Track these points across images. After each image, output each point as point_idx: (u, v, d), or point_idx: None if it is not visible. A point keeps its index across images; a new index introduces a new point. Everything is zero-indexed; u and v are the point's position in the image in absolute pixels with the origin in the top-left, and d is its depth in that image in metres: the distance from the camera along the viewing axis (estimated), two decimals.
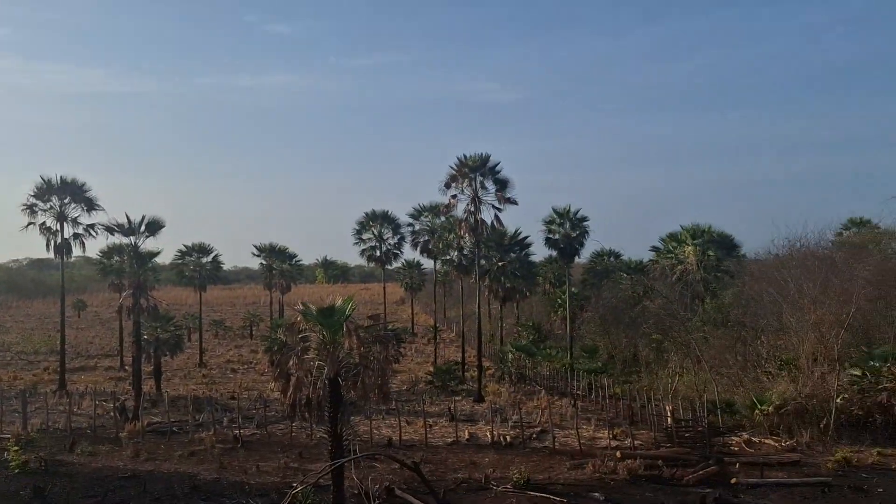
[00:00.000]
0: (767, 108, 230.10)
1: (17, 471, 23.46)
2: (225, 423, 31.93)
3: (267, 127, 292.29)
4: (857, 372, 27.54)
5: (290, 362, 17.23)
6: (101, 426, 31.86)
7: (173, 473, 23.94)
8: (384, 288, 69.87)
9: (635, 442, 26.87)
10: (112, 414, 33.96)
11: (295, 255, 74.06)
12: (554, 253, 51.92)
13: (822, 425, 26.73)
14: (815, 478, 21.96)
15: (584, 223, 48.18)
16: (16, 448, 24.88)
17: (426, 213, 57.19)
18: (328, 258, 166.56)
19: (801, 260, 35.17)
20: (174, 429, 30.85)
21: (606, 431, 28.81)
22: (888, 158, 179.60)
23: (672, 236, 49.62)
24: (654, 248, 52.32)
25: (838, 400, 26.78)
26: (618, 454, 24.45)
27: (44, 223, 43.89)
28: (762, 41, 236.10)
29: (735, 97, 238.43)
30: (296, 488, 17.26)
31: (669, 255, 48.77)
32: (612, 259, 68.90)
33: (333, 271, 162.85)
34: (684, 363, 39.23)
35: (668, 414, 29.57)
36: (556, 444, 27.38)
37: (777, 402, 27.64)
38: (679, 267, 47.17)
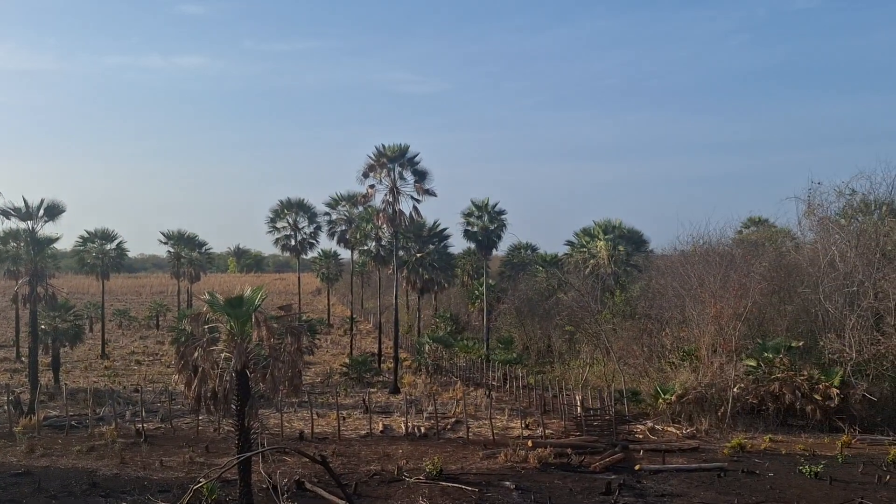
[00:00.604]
0: (675, 109, 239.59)
1: None
2: (127, 417, 30.66)
3: (178, 110, 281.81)
4: (753, 362, 29.12)
5: (196, 354, 16.62)
6: None
7: (71, 469, 22.82)
8: (299, 278, 68.62)
9: (546, 431, 27.51)
10: (5, 408, 31.95)
11: (205, 244, 71.71)
12: (472, 245, 52.45)
13: (719, 413, 28.15)
14: (713, 463, 23.08)
15: (502, 216, 48.90)
16: None
17: (343, 203, 56.37)
18: (241, 247, 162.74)
19: (703, 256, 36.80)
20: (73, 423, 29.36)
21: (519, 421, 29.31)
22: (785, 160, 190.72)
23: (585, 231, 51.03)
24: (569, 243, 53.72)
25: (735, 389, 28.22)
26: (529, 443, 24.95)
27: None
28: (671, 45, 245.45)
29: (645, 97, 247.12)
30: (198, 483, 16.69)
31: (583, 250, 50.16)
32: (528, 252, 70.17)
33: (247, 260, 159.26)
34: (594, 354, 40.50)
35: (578, 403, 30.40)
36: (470, 434, 27.66)
37: (679, 392, 28.88)
38: (591, 261, 48.59)
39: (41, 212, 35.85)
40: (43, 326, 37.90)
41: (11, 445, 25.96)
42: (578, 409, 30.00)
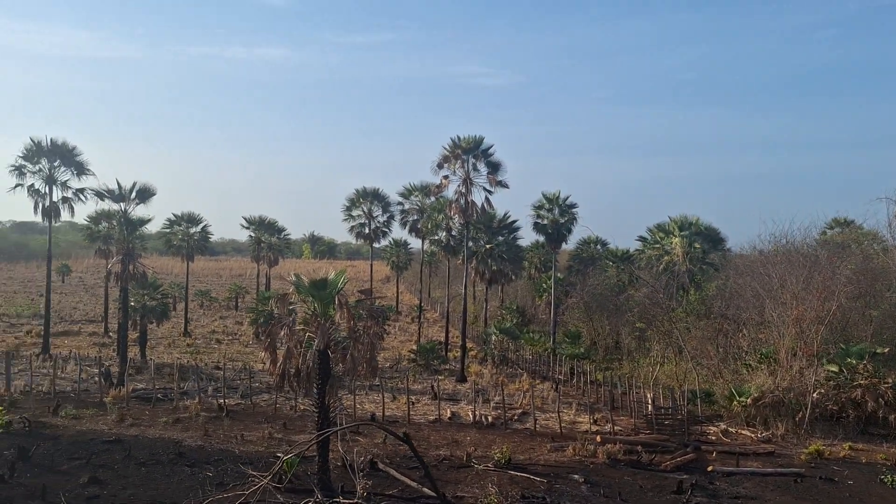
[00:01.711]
0: (756, 104, 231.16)
1: (0, 431, 23.45)
2: (210, 392, 32.08)
3: (258, 99, 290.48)
4: (834, 368, 28.14)
5: (282, 333, 17.34)
6: (85, 390, 31.88)
7: (158, 439, 24.03)
8: (371, 265, 69.96)
9: (615, 427, 27.36)
10: (96, 379, 33.93)
11: (284, 229, 73.87)
12: (541, 238, 52.22)
13: (797, 418, 27.32)
14: (789, 468, 22.50)
15: (573, 210, 48.54)
16: (0, 409, 24.87)
17: (416, 193, 57.16)
18: (315, 234, 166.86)
19: (785, 256, 35.67)
20: (159, 396, 30.91)
21: (587, 416, 29.25)
22: (874, 159, 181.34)
23: (660, 227, 50.06)
24: (641, 238, 52.81)
25: (814, 394, 27.36)
26: (598, 438, 24.90)
27: (32, 185, 43.40)
28: (753, 38, 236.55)
29: (723, 92, 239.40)
30: (284, 456, 17.46)
31: (656, 246, 49.24)
32: (598, 247, 69.35)
33: (320, 247, 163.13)
34: (666, 352, 39.84)
35: (649, 401, 30.07)
36: (538, 426, 27.81)
37: (755, 395, 28.18)
38: (665, 258, 47.65)
39: (133, 194, 37.67)
40: (132, 303, 39.86)
41: (103, 414, 27.55)
42: (649, 406, 29.69)
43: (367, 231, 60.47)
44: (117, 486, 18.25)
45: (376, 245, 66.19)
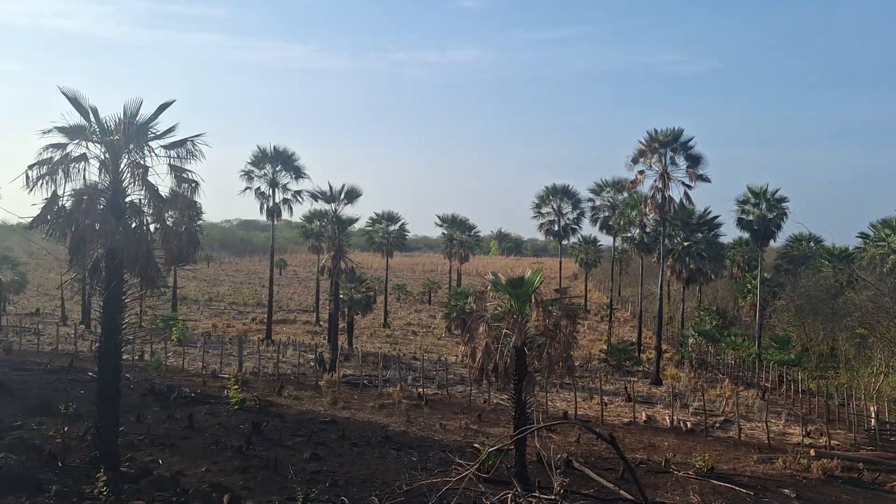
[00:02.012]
0: None
1: (236, 407, 26.65)
2: (409, 381, 34.02)
3: (452, 100, 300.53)
4: None
5: (481, 329, 18.03)
6: (302, 374, 35.23)
7: (366, 422, 25.98)
8: (560, 263, 69.77)
9: (831, 441, 25.18)
10: (312, 364, 37.36)
11: (474, 227, 75.76)
12: (745, 235, 49.06)
13: None
14: None
15: (783, 204, 45.07)
16: (235, 387, 28.28)
17: (608, 189, 56.16)
18: (503, 230, 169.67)
19: None
20: (365, 382, 33.36)
21: (799, 428, 27.15)
22: None
23: (885, 223, 44.99)
24: (863, 235, 47.80)
25: None
26: (812, 452, 23.12)
27: (258, 188, 48.61)
28: None
29: None
30: (484, 448, 18.22)
31: (881, 244, 44.30)
32: (811, 244, 63.56)
33: (507, 244, 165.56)
34: (891, 362, 35.73)
35: (872, 415, 27.28)
36: (742, 435, 26.34)
37: None
38: (892, 257, 42.71)
39: (342, 195, 40.90)
40: (341, 296, 43.30)
41: (318, 397, 30.28)
42: (873, 421, 26.92)
43: (556, 228, 60.37)
44: (335, 464, 20.04)
45: (564, 242, 65.90)
